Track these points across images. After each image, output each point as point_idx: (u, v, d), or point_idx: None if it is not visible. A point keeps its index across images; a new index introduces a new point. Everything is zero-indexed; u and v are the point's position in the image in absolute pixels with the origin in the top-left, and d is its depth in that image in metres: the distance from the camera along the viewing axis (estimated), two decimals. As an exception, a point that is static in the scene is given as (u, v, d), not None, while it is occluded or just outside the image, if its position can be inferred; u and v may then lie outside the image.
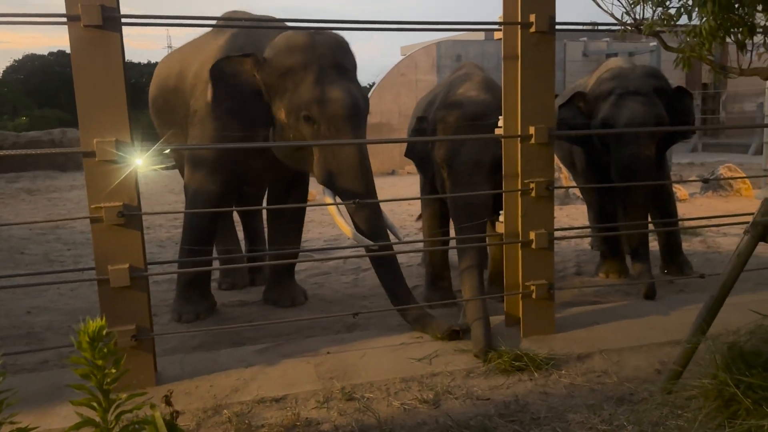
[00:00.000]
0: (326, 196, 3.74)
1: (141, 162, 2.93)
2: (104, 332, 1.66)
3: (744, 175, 9.07)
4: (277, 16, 4.07)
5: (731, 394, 2.03)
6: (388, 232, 3.82)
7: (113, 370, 1.70)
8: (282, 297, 4.63)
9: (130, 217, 2.89)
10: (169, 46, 38.19)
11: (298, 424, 2.64)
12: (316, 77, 3.61)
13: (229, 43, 4.14)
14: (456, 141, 3.91)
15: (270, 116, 3.79)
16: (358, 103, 3.67)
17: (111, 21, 2.79)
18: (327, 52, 3.69)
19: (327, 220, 8.73)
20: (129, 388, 2.45)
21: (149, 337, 3.00)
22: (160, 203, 10.28)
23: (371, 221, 3.67)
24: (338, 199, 3.71)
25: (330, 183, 3.68)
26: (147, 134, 4.90)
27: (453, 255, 4.99)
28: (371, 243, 3.60)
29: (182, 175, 5.38)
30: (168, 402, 1.84)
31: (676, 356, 2.67)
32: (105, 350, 1.67)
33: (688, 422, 2.12)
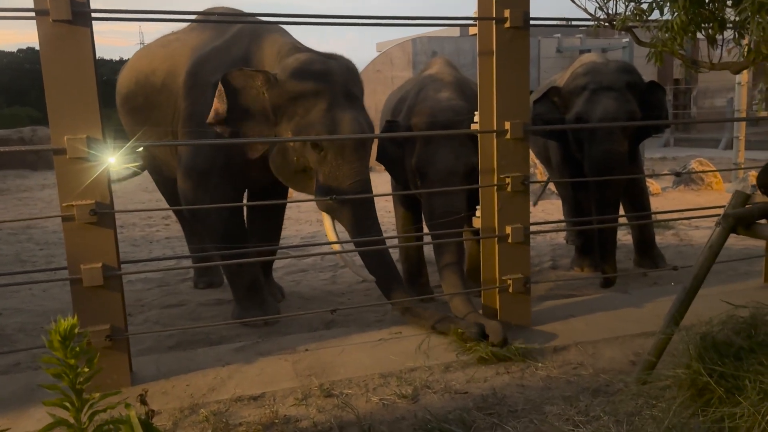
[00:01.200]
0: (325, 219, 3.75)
1: (114, 160, 2.88)
2: (76, 331, 1.63)
3: (715, 168, 9.23)
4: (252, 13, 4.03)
5: (704, 384, 2.06)
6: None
7: (86, 369, 1.67)
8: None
9: (103, 215, 2.84)
10: (142, 43, 37.65)
11: (277, 421, 2.62)
12: (327, 105, 3.58)
13: (228, 43, 4.04)
14: (429, 150, 3.92)
15: (271, 136, 3.72)
16: (365, 132, 3.68)
17: (81, 15, 2.74)
18: (339, 80, 3.67)
19: (304, 217, 8.70)
20: (104, 388, 2.42)
21: (124, 337, 2.96)
22: (133, 202, 10.16)
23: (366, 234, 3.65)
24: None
25: (330, 209, 3.67)
26: (121, 132, 4.76)
27: (429, 251, 5.00)
28: (372, 279, 3.62)
29: (153, 177, 5.27)
30: (143, 401, 1.81)
31: (651, 347, 2.71)
32: (77, 349, 1.64)
33: (663, 412, 2.15)
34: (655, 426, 2.11)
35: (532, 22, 3.38)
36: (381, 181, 6.25)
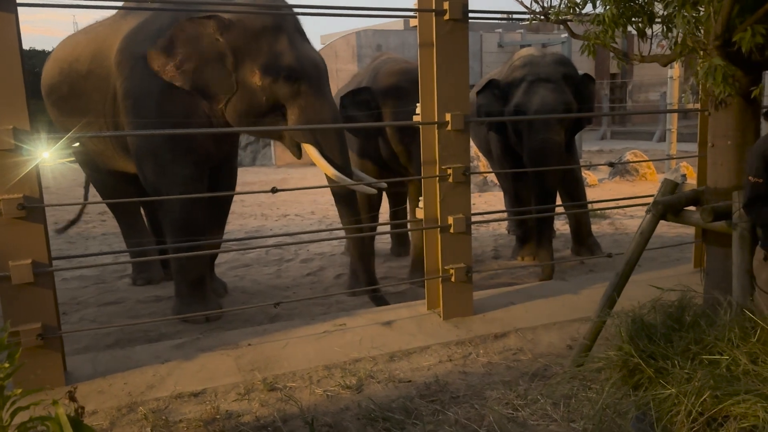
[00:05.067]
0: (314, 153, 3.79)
1: (47, 155, 2.77)
2: (-6, 327, 1.56)
3: (648, 159, 9.57)
4: None
5: (635, 364, 2.14)
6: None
7: (6, 365, 1.59)
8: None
9: (32, 209, 2.73)
10: (76, 33, 36.22)
11: (218, 417, 2.59)
12: (289, 39, 3.65)
13: (155, 15, 3.93)
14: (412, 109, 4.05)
15: (231, 83, 3.68)
16: (324, 62, 3.87)
17: (5, 1, 2.61)
18: (290, 16, 3.73)
19: (248, 211, 8.59)
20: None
21: (56, 336, 2.85)
22: (68, 198, 9.79)
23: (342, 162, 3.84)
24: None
25: (311, 138, 3.74)
26: (52, 127, 4.57)
27: (378, 243, 5.04)
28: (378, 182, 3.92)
29: (85, 171, 5.07)
30: (72, 398, 1.75)
31: (586, 331, 2.80)
32: (-6, 346, 1.57)
33: (597, 393, 2.23)
34: (590, 407, 2.18)
35: (471, 15, 3.42)
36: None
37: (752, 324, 2.08)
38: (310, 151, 3.78)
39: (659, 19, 2.77)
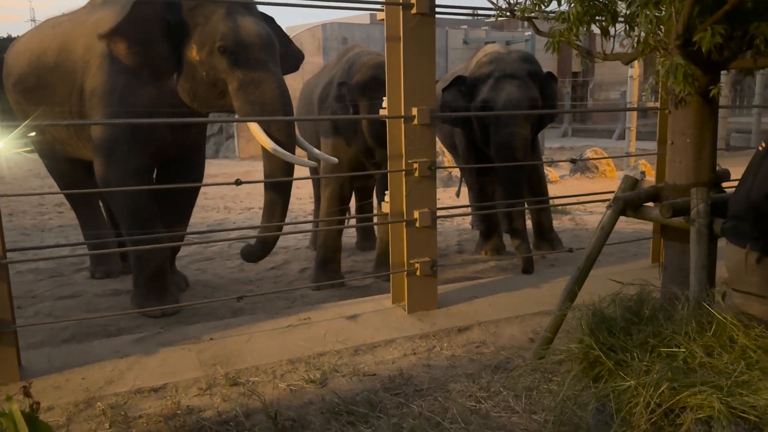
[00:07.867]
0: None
1: (2, 144, 2.68)
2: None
3: (608, 156, 9.77)
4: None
5: (595, 357, 2.18)
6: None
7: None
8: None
9: (-15, 199, 2.64)
10: (33, 20, 35.38)
11: (179, 412, 2.55)
12: (226, 10, 3.57)
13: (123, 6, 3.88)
14: None
15: (178, 60, 3.63)
16: (270, 34, 3.70)
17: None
18: None
19: (210, 204, 8.47)
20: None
21: (11, 330, 2.77)
22: (23, 189, 9.51)
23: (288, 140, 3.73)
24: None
25: (252, 111, 3.63)
26: (10, 113, 4.48)
27: (345, 238, 5.04)
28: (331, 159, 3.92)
29: (44, 161, 4.95)
30: (27, 393, 1.70)
31: (548, 324, 2.84)
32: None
33: (558, 385, 2.26)
34: (551, 399, 2.22)
35: (438, 9, 3.43)
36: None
37: (708, 318, 2.14)
38: (251, 125, 3.70)
39: (622, 18, 2.82)
